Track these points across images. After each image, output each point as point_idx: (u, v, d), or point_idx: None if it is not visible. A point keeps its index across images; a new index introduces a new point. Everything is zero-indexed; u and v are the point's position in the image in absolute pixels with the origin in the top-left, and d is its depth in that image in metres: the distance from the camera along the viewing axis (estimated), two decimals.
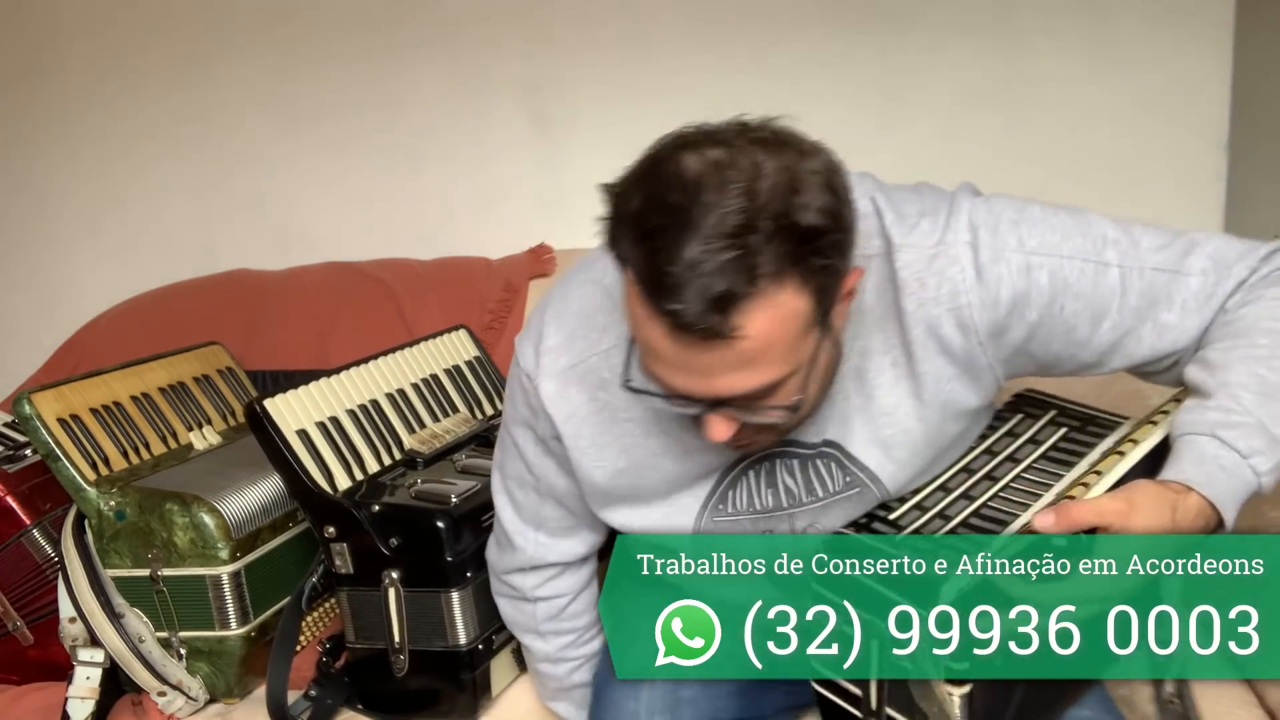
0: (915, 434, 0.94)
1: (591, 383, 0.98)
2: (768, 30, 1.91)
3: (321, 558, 1.28)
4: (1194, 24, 1.78)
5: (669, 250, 0.75)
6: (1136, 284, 0.91)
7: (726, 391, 0.80)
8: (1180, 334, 0.91)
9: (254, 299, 1.87)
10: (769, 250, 0.75)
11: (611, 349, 0.96)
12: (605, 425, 0.98)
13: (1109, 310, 0.91)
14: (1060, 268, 0.90)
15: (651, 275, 0.76)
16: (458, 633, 1.24)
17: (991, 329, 0.90)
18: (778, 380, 0.80)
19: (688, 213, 0.76)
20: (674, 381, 0.82)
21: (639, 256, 0.77)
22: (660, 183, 0.79)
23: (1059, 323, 0.91)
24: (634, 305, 0.80)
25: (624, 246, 0.79)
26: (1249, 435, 0.84)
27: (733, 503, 1.00)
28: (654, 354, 0.81)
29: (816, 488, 0.98)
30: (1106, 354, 0.93)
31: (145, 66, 2.10)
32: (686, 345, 0.77)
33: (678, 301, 0.75)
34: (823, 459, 0.97)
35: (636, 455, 0.99)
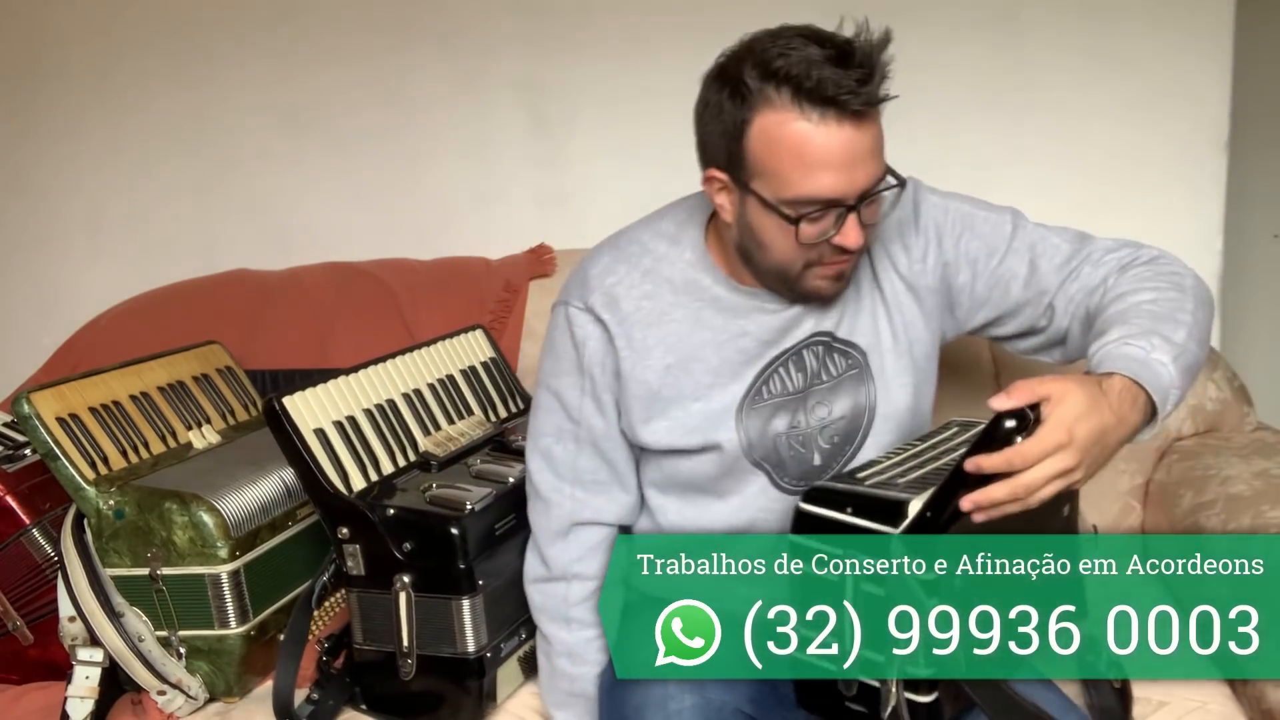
0: (888, 330, 1.17)
1: (637, 294, 1.14)
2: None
3: (333, 557, 1.27)
4: (1194, 24, 1.78)
5: (817, 63, 0.97)
6: (1023, 235, 1.16)
7: (865, 181, 1.01)
8: (1046, 277, 1.14)
9: (254, 299, 1.87)
10: (874, 48, 0.99)
11: (650, 270, 1.14)
12: (652, 327, 1.13)
13: (999, 249, 1.16)
14: (970, 215, 1.17)
15: (817, 80, 0.97)
16: (466, 640, 1.24)
17: (923, 251, 1.16)
18: (886, 169, 1.04)
19: (810, 40, 0.99)
20: (825, 184, 1.00)
21: (790, 79, 0.98)
22: (763, 37, 1.03)
23: (962, 254, 1.16)
24: (784, 128, 0.99)
25: (758, 93, 1.00)
26: (1148, 337, 0.98)
27: (768, 390, 1.14)
28: (817, 159, 0.99)
29: (825, 371, 1.15)
30: (995, 287, 1.16)
31: (145, 67, 2.10)
32: (854, 127, 0.99)
33: (848, 86, 0.97)
34: (835, 348, 1.16)
35: (682, 350, 1.13)
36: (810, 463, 1.15)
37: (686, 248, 1.15)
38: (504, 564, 1.27)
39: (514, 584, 1.27)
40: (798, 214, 1.02)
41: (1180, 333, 1.00)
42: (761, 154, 1.01)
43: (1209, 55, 1.78)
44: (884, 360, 1.16)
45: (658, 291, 1.14)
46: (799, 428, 1.15)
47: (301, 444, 1.26)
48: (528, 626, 1.31)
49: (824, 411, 1.15)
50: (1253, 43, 1.85)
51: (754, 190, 1.03)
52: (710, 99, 1.05)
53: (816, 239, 1.04)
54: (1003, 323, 1.19)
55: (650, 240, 1.17)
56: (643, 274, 1.15)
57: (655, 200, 1.97)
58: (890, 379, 1.16)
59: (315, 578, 1.31)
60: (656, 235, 1.17)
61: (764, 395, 1.14)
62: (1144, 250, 1.14)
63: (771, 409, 1.14)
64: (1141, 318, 1.02)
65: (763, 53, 1.00)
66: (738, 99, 1.01)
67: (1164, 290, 1.06)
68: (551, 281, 1.82)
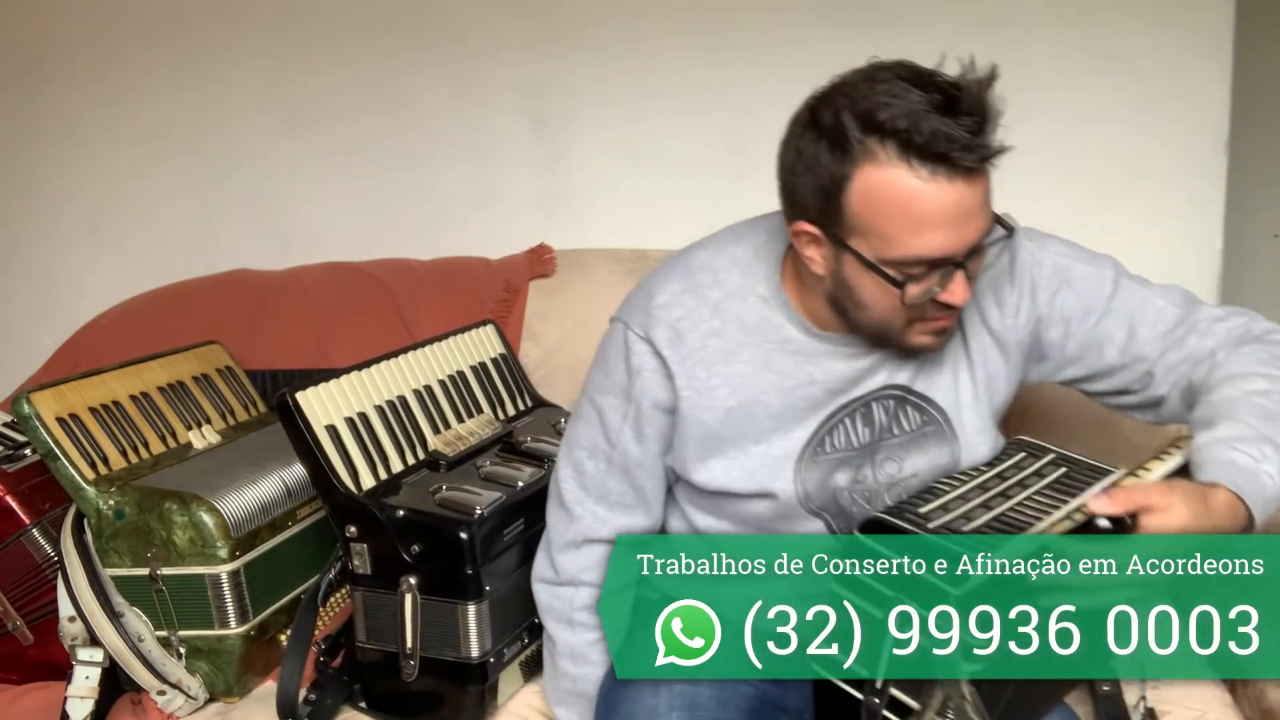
0: (970, 387, 1.11)
1: (704, 330, 1.08)
2: (768, 31, 1.91)
3: (339, 554, 1.27)
4: (1194, 24, 1.78)
5: (929, 115, 0.90)
6: (1123, 296, 1.10)
7: (975, 236, 0.96)
8: (1147, 344, 1.09)
9: (254, 299, 1.87)
10: (985, 92, 0.92)
11: (719, 304, 1.08)
12: (717, 365, 1.08)
13: (1096, 308, 1.10)
14: (1069, 269, 1.11)
15: (929, 135, 0.90)
16: (471, 645, 1.23)
17: (1015, 306, 1.10)
18: (990, 225, 0.97)
19: (917, 88, 0.91)
20: (934, 243, 0.94)
21: (898, 133, 0.91)
22: (858, 81, 0.94)
23: (1057, 310, 1.10)
24: (893, 185, 0.92)
25: (860, 147, 0.92)
26: (1259, 445, 0.94)
27: (831, 443, 1.09)
28: (926, 218, 0.93)
29: (897, 425, 1.10)
30: (1088, 348, 1.11)
31: (146, 68, 2.10)
32: (966, 185, 0.92)
33: (962, 140, 0.90)
34: (909, 401, 1.10)
35: (746, 393, 1.08)
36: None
37: (760, 281, 1.08)
38: (510, 569, 1.27)
39: (519, 589, 1.27)
40: (903, 276, 0.96)
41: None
42: (863, 212, 0.94)
43: (1209, 55, 1.78)
44: (963, 416, 1.11)
45: (726, 329, 1.08)
46: (864, 483, 1.10)
47: (313, 440, 1.25)
48: (531, 632, 1.31)
49: (894, 468, 1.10)
50: (1253, 43, 1.85)
51: (852, 248, 0.97)
52: (804, 149, 0.96)
53: (922, 297, 0.97)
54: (1092, 381, 1.14)
55: (723, 269, 1.10)
56: (712, 308, 1.08)
57: (655, 200, 1.99)
58: (972, 437, 1.11)
59: (321, 575, 1.31)
60: (731, 263, 1.10)
61: (826, 448, 1.09)
62: (1256, 323, 1.08)
63: (834, 463, 1.09)
64: (1254, 415, 0.97)
65: (862, 100, 0.92)
66: (837, 151, 0.94)
67: (1278, 379, 1.01)
68: (552, 282, 1.82)
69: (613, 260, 1.82)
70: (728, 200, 2.00)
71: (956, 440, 1.11)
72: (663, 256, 1.82)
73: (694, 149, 1.96)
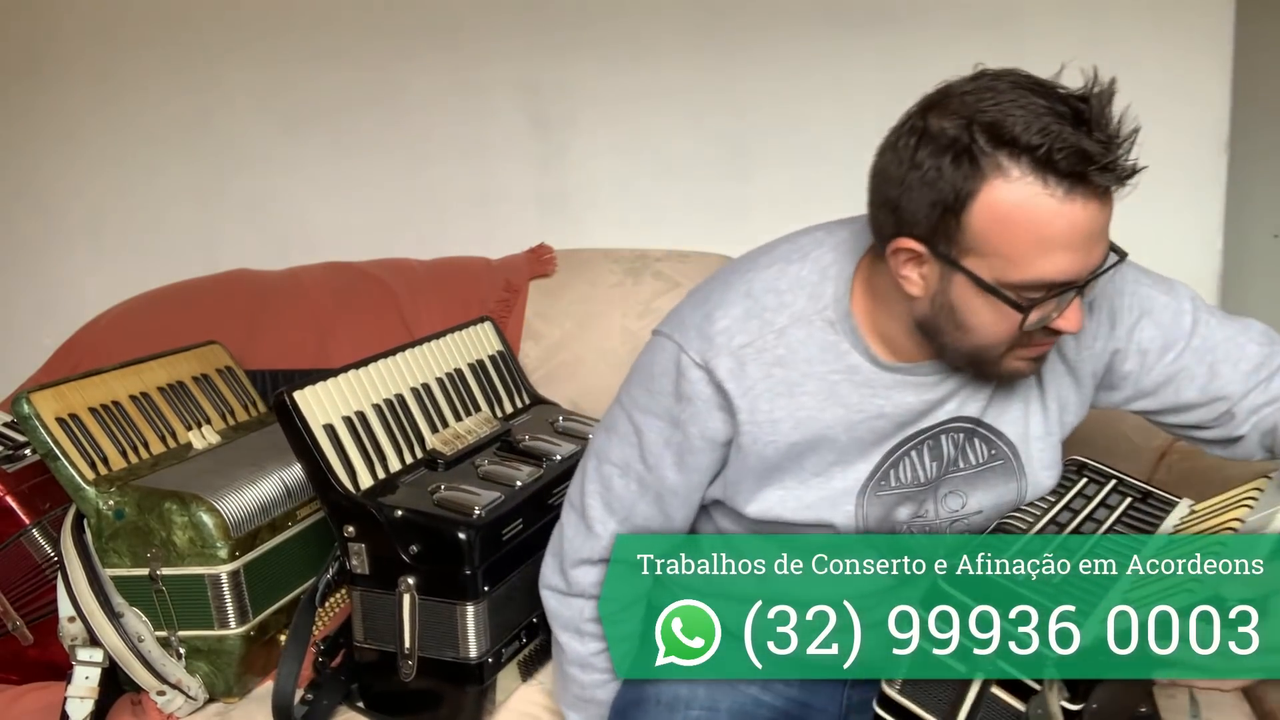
0: (1041, 420, 1.06)
1: (768, 359, 1.01)
2: (768, 31, 1.91)
3: (337, 554, 1.27)
4: (1194, 24, 1.78)
5: (1074, 130, 0.85)
6: (1204, 333, 1.06)
7: (1099, 259, 0.91)
8: (1229, 384, 1.05)
9: (254, 299, 1.87)
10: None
11: (784, 330, 1.01)
12: (781, 398, 1.01)
13: (1176, 344, 1.06)
14: (1149, 299, 1.07)
15: (1074, 153, 0.85)
16: (469, 645, 1.23)
17: (1093, 334, 1.05)
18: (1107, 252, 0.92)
19: (1056, 101, 0.87)
20: (1060, 267, 0.89)
21: (1039, 150, 0.85)
22: (979, 90, 0.88)
23: (1134, 343, 1.06)
24: (1024, 205, 0.86)
25: (990, 163, 0.86)
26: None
27: (895, 477, 1.04)
28: (1057, 239, 0.87)
29: (963, 458, 1.05)
30: (1164, 384, 1.07)
31: (147, 68, 2.10)
32: (1101, 206, 0.88)
33: (1107, 159, 0.85)
34: (977, 434, 1.05)
35: (812, 428, 1.02)
36: None
37: (829, 305, 1.01)
38: (509, 570, 1.27)
39: (518, 590, 1.27)
40: (1026, 300, 0.90)
41: None
42: (988, 231, 0.88)
43: (1209, 55, 1.78)
44: (1031, 450, 1.06)
45: (791, 358, 1.01)
46: (925, 517, 1.06)
47: (311, 440, 1.25)
48: (529, 632, 1.31)
49: (957, 502, 1.06)
50: (1253, 43, 1.85)
51: (966, 269, 0.90)
52: (923, 161, 0.89)
53: (1039, 323, 0.92)
54: (1164, 415, 1.10)
55: (789, 292, 1.02)
56: (777, 334, 1.01)
57: (655, 200, 1.98)
58: (1039, 472, 1.07)
59: (319, 575, 1.31)
60: (796, 285, 1.02)
61: (890, 481, 1.04)
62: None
63: (897, 498, 1.05)
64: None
65: (988, 110, 0.86)
66: (963, 164, 0.87)
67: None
68: (552, 282, 1.83)
69: (613, 260, 1.82)
70: (727, 200, 2.01)
71: (1024, 476, 1.06)
72: (662, 256, 1.85)
73: (694, 149, 1.96)
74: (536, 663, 1.34)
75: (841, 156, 1.93)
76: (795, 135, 1.92)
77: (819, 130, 1.91)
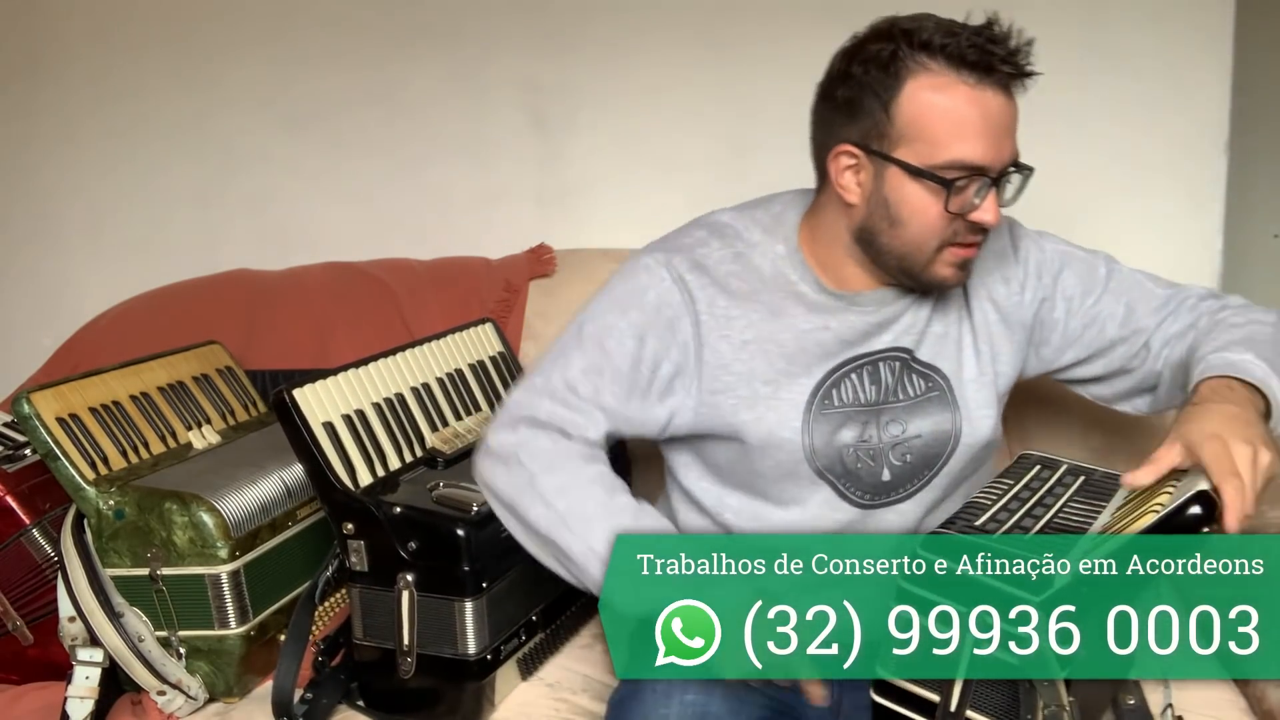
0: (974, 362, 1.17)
1: (725, 270, 1.14)
2: (768, 30, 1.91)
3: (336, 552, 1.27)
4: (1194, 24, 1.78)
5: (979, 30, 1.02)
6: (1118, 278, 1.21)
7: (1009, 154, 1.05)
8: (1144, 318, 1.18)
9: (254, 299, 1.87)
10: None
11: (741, 254, 1.15)
12: (736, 301, 1.14)
13: (1095, 288, 1.19)
14: (1069, 254, 1.21)
15: (982, 47, 1.01)
16: (468, 641, 1.23)
17: (1021, 283, 1.18)
18: (1017, 155, 1.06)
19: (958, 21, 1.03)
20: (978, 149, 1.02)
21: (950, 47, 1.01)
22: (901, 19, 1.05)
23: (1059, 289, 1.19)
24: (942, 92, 1.02)
25: (909, 63, 1.02)
26: (1234, 349, 1.05)
27: (838, 397, 1.14)
28: (973, 124, 1.02)
29: (901, 389, 1.15)
30: (1089, 326, 1.19)
31: (146, 68, 2.10)
32: (1009, 98, 1.04)
33: (1008, 56, 1.02)
34: (912, 368, 1.16)
35: (762, 329, 1.13)
36: (879, 477, 1.15)
37: (780, 240, 1.16)
38: (507, 566, 1.27)
39: (517, 586, 1.27)
40: (950, 178, 1.03)
41: (1268, 349, 1.06)
42: (914, 118, 1.03)
43: (1209, 55, 1.78)
44: (966, 390, 1.16)
45: (746, 274, 1.14)
46: (869, 442, 1.14)
47: (310, 437, 1.25)
48: (528, 629, 1.32)
49: (898, 429, 1.14)
50: (1253, 43, 1.85)
51: (898, 159, 1.04)
52: (852, 71, 1.05)
53: (961, 210, 1.04)
54: (1092, 362, 1.21)
55: (745, 227, 1.17)
56: (735, 255, 1.15)
57: (656, 200, 1.98)
58: (974, 410, 1.16)
59: (318, 573, 1.30)
60: (752, 223, 1.17)
61: (833, 400, 1.14)
62: (1232, 298, 1.19)
63: (841, 417, 1.14)
64: (1233, 336, 1.08)
65: (909, 30, 1.03)
66: (892, 68, 1.03)
67: (1259, 325, 1.12)
68: (552, 282, 1.83)
69: (613, 260, 1.82)
70: (727, 199, 2.00)
71: (958, 409, 1.15)
72: None
73: (694, 148, 1.96)
74: (536, 660, 1.34)
75: None
76: (795, 135, 1.91)
77: None
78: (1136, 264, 1.23)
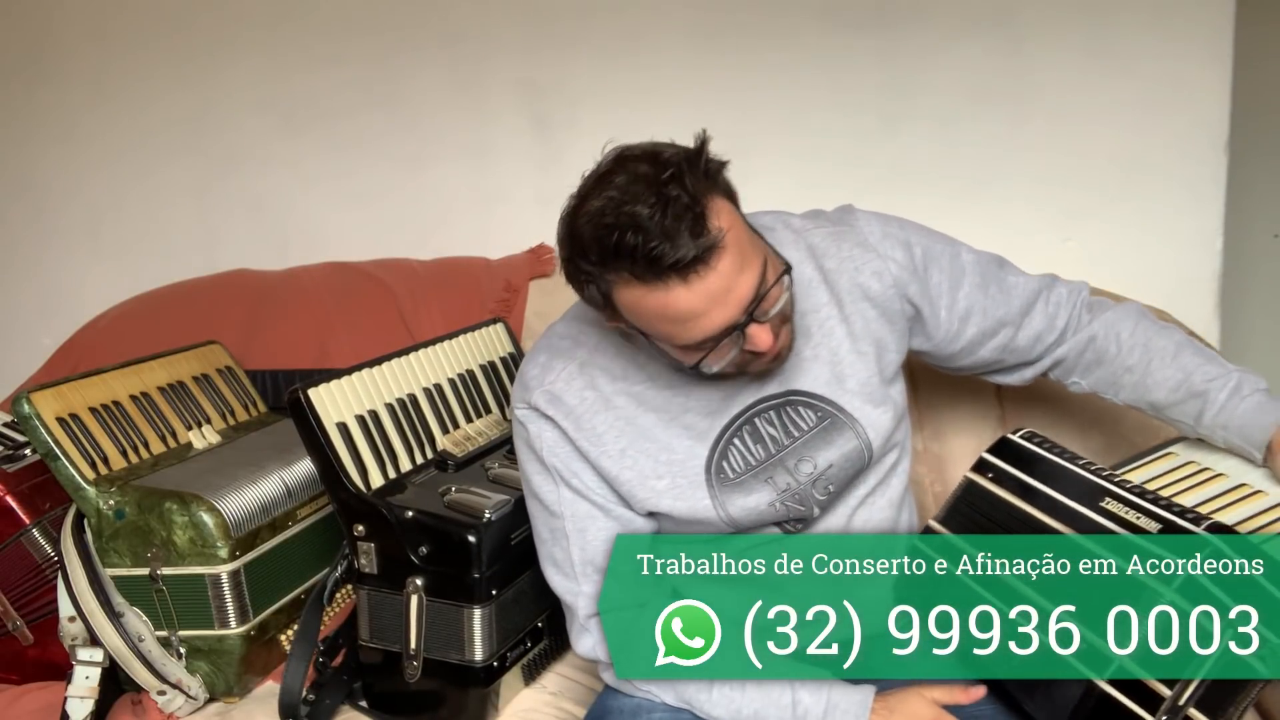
0: (858, 366, 1.13)
1: (577, 386, 1.11)
2: (768, 31, 1.91)
3: (345, 553, 1.27)
4: (1194, 24, 1.78)
5: (638, 240, 0.93)
6: (980, 269, 1.20)
7: (747, 292, 0.97)
8: (1009, 310, 1.20)
9: (254, 299, 1.87)
10: (688, 181, 0.95)
11: (585, 362, 1.12)
12: (599, 414, 1.11)
13: (962, 282, 1.18)
14: (929, 245, 1.18)
15: (645, 258, 0.93)
16: (475, 648, 1.23)
17: (896, 279, 1.15)
18: (764, 271, 0.98)
19: (625, 211, 0.94)
20: (713, 322, 0.97)
21: (623, 260, 0.94)
22: (583, 220, 0.97)
23: (930, 287, 1.17)
24: (642, 301, 0.97)
25: (604, 275, 0.97)
26: (1237, 378, 1.16)
27: (730, 467, 1.11)
28: (683, 317, 0.97)
29: (792, 429, 1.12)
30: (964, 320, 1.18)
31: (145, 67, 2.10)
32: (701, 278, 0.95)
33: (675, 251, 0.93)
34: (790, 405, 1.12)
35: (629, 433, 1.10)
36: (812, 512, 1.11)
37: (617, 332, 1.11)
38: (516, 574, 1.26)
39: (524, 594, 1.27)
40: (696, 360, 1.01)
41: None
42: (637, 320, 1.00)
43: (1209, 55, 1.78)
44: (854, 401, 1.13)
45: (596, 381, 1.11)
46: (790, 489, 1.11)
47: (324, 438, 1.25)
48: (533, 635, 1.31)
49: (809, 467, 1.11)
50: (1253, 43, 1.85)
51: (650, 339, 1.03)
52: (570, 275, 1.02)
53: (730, 359, 1.02)
54: (975, 318, 1.20)
55: (579, 333, 1.15)
56: (579, 366, 1.12)
57: None
58: (870, 414, 1.13)
59: (328, 574, 1.30)
60: (584, 325, 1.15)
61: (727, 471, 1.11)
62: (1076, 283, 1.24)
63: (747, 482, 1.11)
64: (1191, 356, 1.17)
65: (590, 226, 0.96)
66: (590, 286, 1.00)
67: (1158, 329, 1.20)
68: (552, 281, 1.82)
69: None
70: None
71: (856, 422, 1.12)
72: None
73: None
74: (540, 666, 1.34)
75: (841, 157, 1.94)
76: (795, 137, 1.92)
77: (819, 130, 1.91)
78: (1137, 264, 1.23)
